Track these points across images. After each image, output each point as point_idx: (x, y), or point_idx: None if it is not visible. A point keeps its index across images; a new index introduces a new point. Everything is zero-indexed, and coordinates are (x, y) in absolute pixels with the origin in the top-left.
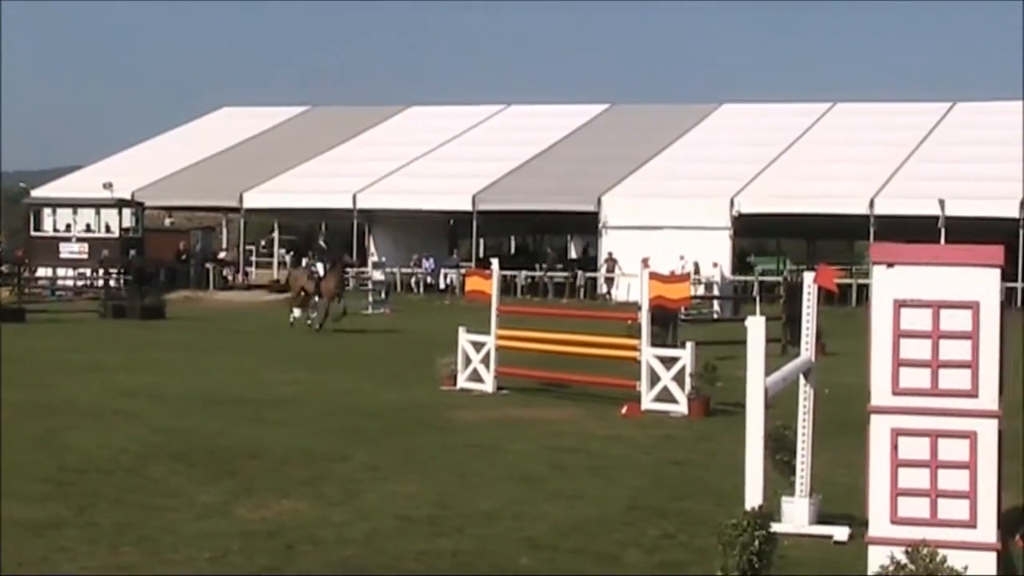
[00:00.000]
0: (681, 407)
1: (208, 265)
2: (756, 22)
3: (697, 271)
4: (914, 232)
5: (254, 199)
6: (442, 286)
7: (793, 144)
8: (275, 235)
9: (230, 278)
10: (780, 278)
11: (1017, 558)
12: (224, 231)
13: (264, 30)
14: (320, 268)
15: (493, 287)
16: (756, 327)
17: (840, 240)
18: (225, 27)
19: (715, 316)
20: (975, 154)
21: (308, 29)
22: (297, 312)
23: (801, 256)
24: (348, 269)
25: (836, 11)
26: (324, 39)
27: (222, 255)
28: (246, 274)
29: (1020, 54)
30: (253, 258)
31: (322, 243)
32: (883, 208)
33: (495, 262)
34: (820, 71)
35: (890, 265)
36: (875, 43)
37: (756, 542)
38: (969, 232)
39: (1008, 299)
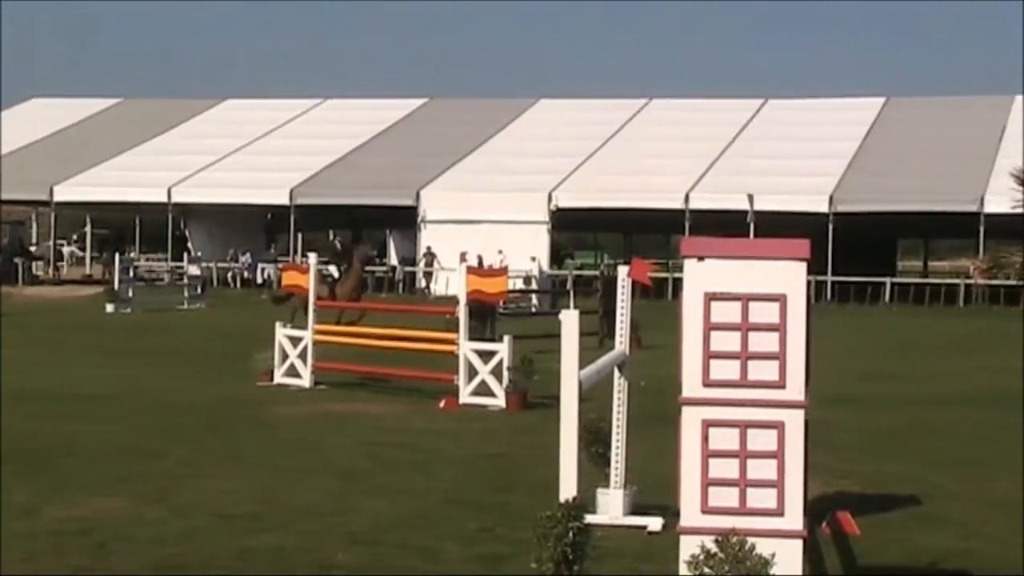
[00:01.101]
0: (499, 400)
1: (17, 260)
2: (573, 18)
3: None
4: (728, 226)
5: (65, 192)
6: (259, 281)
7: (610, 139)
8: (87, 229)
9: (41, 273)
10: (597, 272)
11: (823, 544)
12: (34, 225)
13: (72, 19)
14: (334, 271)
15: (310, 281)
16: (570, 321)
17: (657, 234)
18: (34, 16)
19: (533, 310)
20: (786, 150)
21: (121, 19)
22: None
23: (619, 250)
24: (368, 266)
25: (651, 8)
26: (137, 30)
27: (32, 249)
28: (57, 269)
29: (834, 53)
30: (65, 251)
31: (337, 244)
32: (698, 203)
33: (312, 256)
34: (636, 67)
35: (700, 259)
36: (689, 40)
37: (570, 534)
38: (781, 226)
39: (818, 292)
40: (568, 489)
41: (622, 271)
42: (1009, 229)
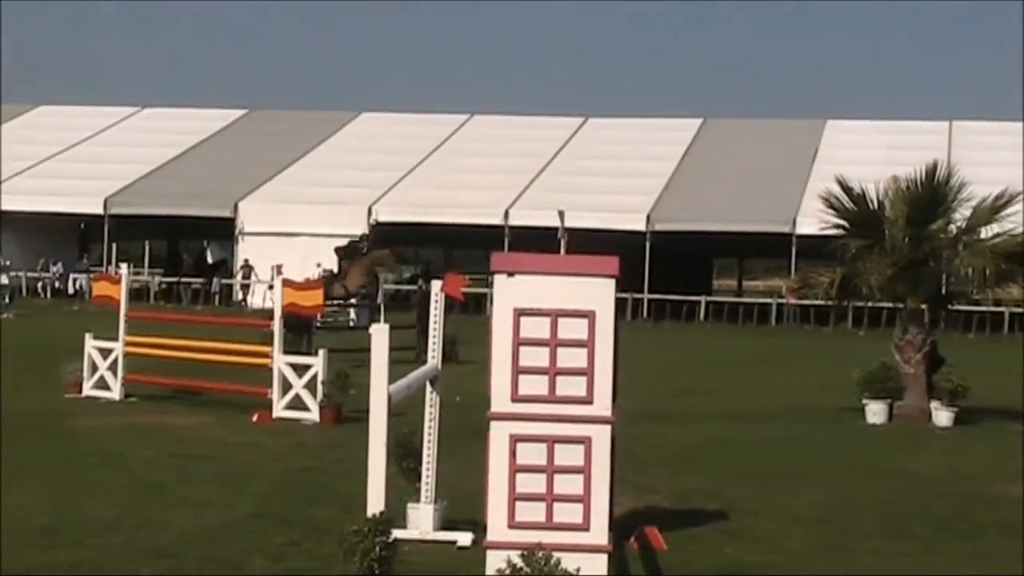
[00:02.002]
0: (313, 415)
1: None
2: (396, 30)
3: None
4: (547, 243)
5: None
6: (71, 291)
7: (432, 154)
8: None
9: None
10: (415, 287)
11: (631, 560)
12: None
13: None
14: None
15: (122, 292)
16: (380, 335)
17: (478, 250)
18: None
19: (351, 324)
20: (605, 168)
21: None
22: None
23: (440, 265)
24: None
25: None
26: None
27: None
28: None
29: (653, 74)
30: None
31: (361, 245)
32: (517, 219)
33: (124, 267)
34: (458, 82)
35: (511, 274)
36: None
37: (377, 548)
38: (598, 244)
39: (634, 310)
40: (375, 504)
41: (435, 286)
42: (819, 250)
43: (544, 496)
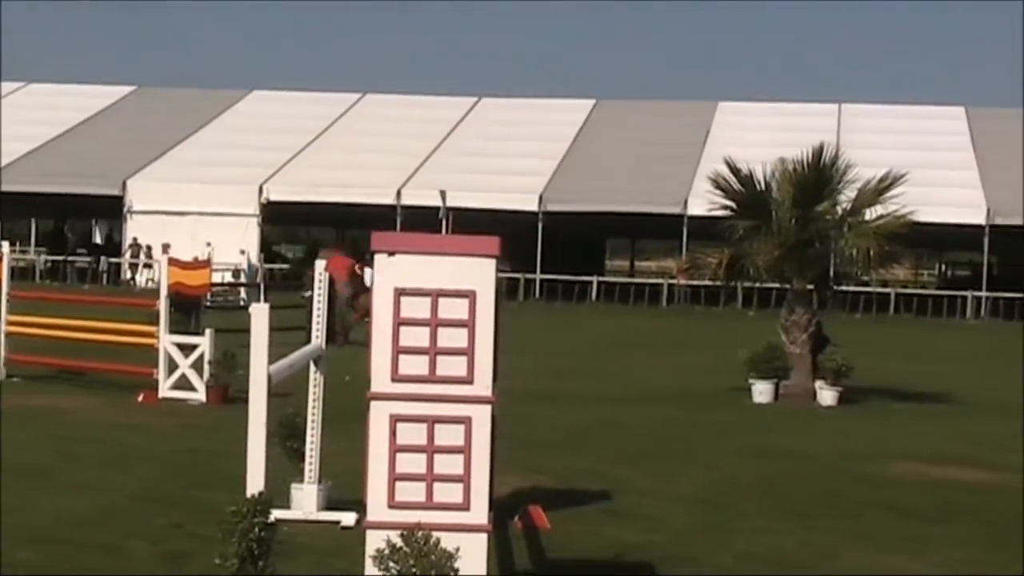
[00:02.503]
0: (199, 395)
1: None
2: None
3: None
4: (440, 223)
5: None
6: None
7: (323, 133)
8: None
9: None
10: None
11: (515, 539)
12: None
13: None
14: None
15: (3, 271)
16: (260, 314)
17: (370, 230)
18: None
19: (241, 303)
20: (498, 148)
21: None
22: None
23: (331, 245)
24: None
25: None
26: None
27: None
28: None
29: (546, 55)
30: None
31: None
32: (409, 199)
33: (5, 245)
34: (350, 61)
35: (391, 254)
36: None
37: (256, 529)
38: (491, 224)
39: (527, 290)
40: (255, 484)
41: (320, 266)
42: (709, 231)
43: (424, 476)
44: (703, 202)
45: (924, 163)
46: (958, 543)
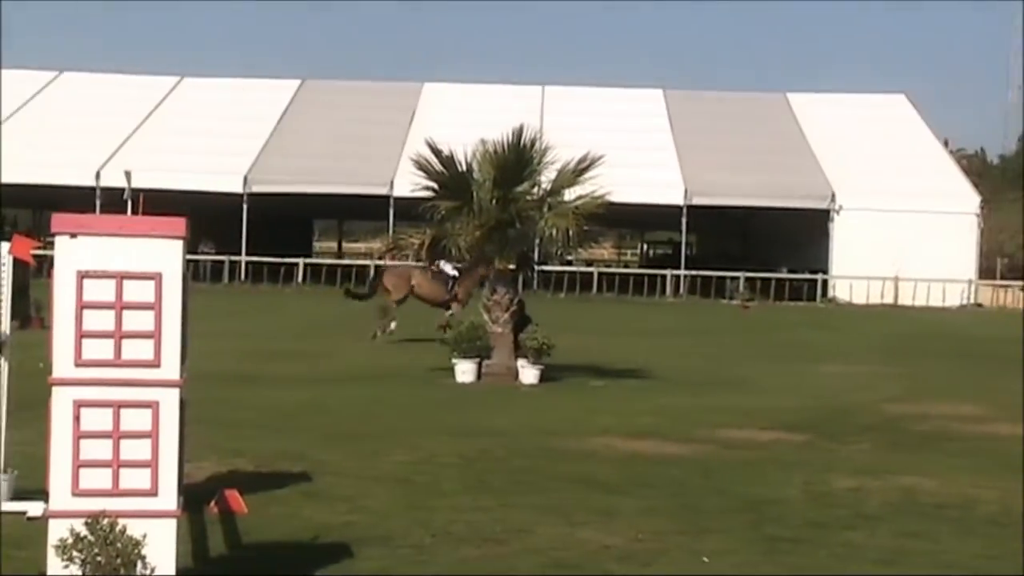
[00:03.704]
0: None
1: None
2: None
3: None
4: (149, 204)
5: None
6: None
7: (19, 110)
8: None
9: None
10: None
11: (210, 523)
12: None
13: None
14: (449, 268)
15: None
16: None
17: (69, 212)
18: None
19: None
20: (202, 128)
21: None
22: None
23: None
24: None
25: None
26: None
27: None
28: None
29: (251, 34)
30: None
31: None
32: (109, 180)
33: None
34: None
35: (73, 236)
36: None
37: None
38: (194, 206)
39: (231, 272)
40: None
41: (3, 248)
42: (415, 212)
43: (110, 463)
44: (409, 183)
45: (624, 145)
46: (648, 514)
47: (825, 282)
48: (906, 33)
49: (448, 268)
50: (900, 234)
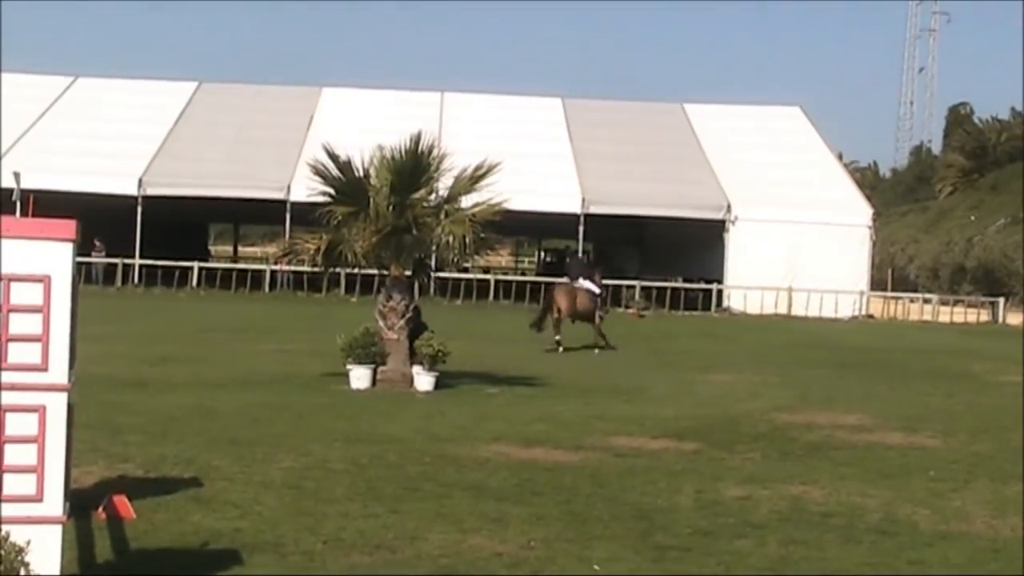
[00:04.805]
0: None
1: None
2: None
3: None
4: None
5: None
6: None
7: None
8: None
9: None
10: None
11: (97, 530)
12: None
13: None
14: (590, 285)
15: None
16: None
17: None
18: None
19: None
20: (96, 130)
21: None
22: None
23: None
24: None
25: None
26: None
27: None
28: None
29: (143, 34)
30: None
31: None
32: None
33: None
34: None
35: None
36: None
37: None
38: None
39: (125, 276)
40: None
41: None
42: (312, 217)
43: None
44: (306, 188)
45: (523, 152)
46: (538, 521)
47: (720, 292)
48: (801, 46)
49: (591, 285)
50: (794, 245)
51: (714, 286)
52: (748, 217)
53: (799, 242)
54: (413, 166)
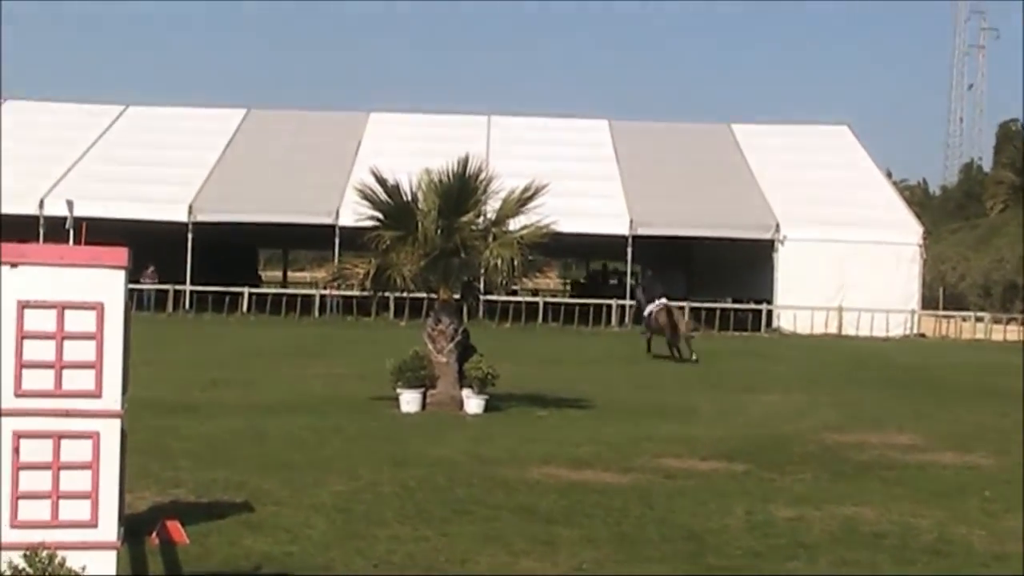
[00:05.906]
0: None
1: None
2: None
3: None
4: (98, 233)
5: None
6: None
7: None
8: None
9: None
10: None
11: (151, 554)
12: None
13: None
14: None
15: None
16: None
17: (11, 241)
18: None
19: None
20: (147, 157)
21: None
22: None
23: None
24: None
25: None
26: None
27: None
28: None
29: (200, 61)
30: None
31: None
32: (53, 209)
33: None
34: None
35: (14, 265)
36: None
37: None
38: (140, 235)
39: (176, 302)
40: None
41: None
42: (360, 241)
43: (50, 494)
44: (354, 212)
45: (570, 174)
46: (588, 544)
47: (769, 312)
48: (849, 64)
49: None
50: (843, 264)
51: (763, 306)
52: (797, 237)
53: (849, 261)
54: (460, 189)
